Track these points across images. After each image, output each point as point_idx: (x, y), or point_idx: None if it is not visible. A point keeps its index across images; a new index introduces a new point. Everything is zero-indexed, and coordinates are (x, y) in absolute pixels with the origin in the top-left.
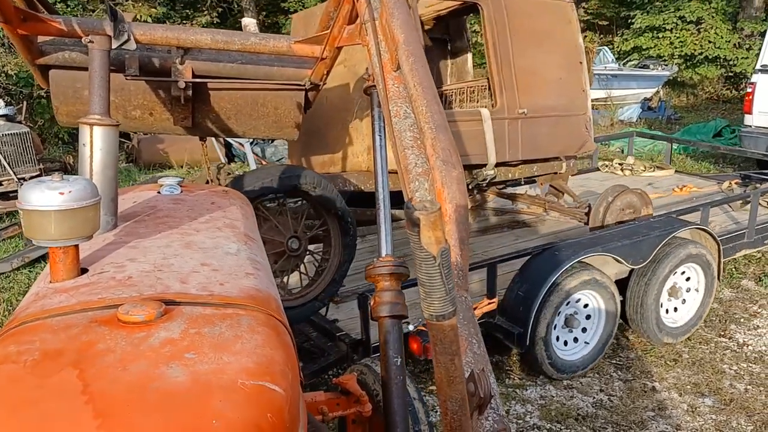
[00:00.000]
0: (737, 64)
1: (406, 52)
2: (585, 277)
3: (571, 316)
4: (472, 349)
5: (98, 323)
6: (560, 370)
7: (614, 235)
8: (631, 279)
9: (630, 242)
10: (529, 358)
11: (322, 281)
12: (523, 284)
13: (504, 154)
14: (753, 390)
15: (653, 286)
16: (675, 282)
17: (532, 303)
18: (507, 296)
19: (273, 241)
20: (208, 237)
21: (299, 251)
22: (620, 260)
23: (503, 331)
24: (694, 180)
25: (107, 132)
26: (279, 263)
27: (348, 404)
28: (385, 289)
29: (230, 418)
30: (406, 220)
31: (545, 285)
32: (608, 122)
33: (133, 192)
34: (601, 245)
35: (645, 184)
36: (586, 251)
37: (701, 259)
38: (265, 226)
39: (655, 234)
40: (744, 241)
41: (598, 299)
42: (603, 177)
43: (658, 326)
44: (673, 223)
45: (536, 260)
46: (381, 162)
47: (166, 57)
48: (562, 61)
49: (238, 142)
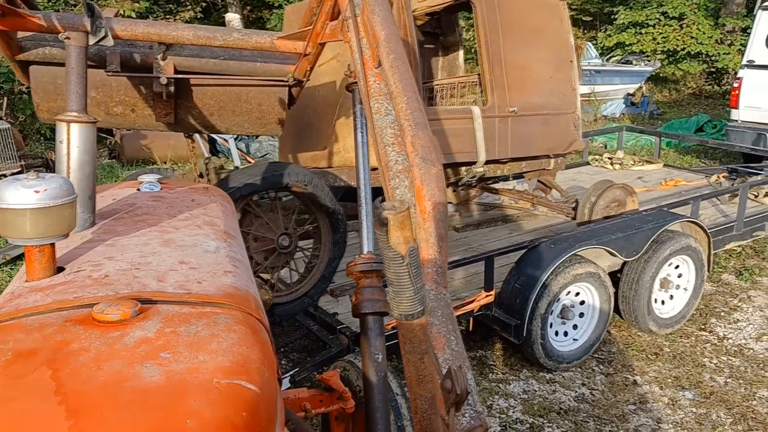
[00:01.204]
0: (719, 59)
1: (386, 49)
2: (580, 269)
3: (566, 308)
4: (450, 345)
5: (73, 323)
6: (556, 361)
7: (608, 228)
8: (624, 271)
9: (624, 235)
10: (525, 349)
11: (312, 278)
12: (519, 277)
13: (494, 151)
14: (733, 383)
15: (645, 278)
16: (667, 274)
17: (529, 295)
18: (504, 289)
19: (263, 239)
20: (187, 235)
21: (289, 248)
22: (614, 253)
23: (500, 323)
24: (683, 174)
25: (84, 129)
26: (269, 260)
27: (331, 401)
28: (367, 285)
29: (205, 417)
30: (375, 219)
31: (541, 277)
32: (592, 118)
33: (112, 189)
34: (596, 238)
35: (635, 177)
36: (581, 244)
37: (692, 251)
38: (256, 223)
39: (647, 227)
40: (733, 234)
41: (592, 291)
42: (593, 171)
43: (650, 317)
44: (665, 216)
45: (532, 253)
46: (362, 159)
47: (147, 53)
48: (553, 60)
49: (222, 138)
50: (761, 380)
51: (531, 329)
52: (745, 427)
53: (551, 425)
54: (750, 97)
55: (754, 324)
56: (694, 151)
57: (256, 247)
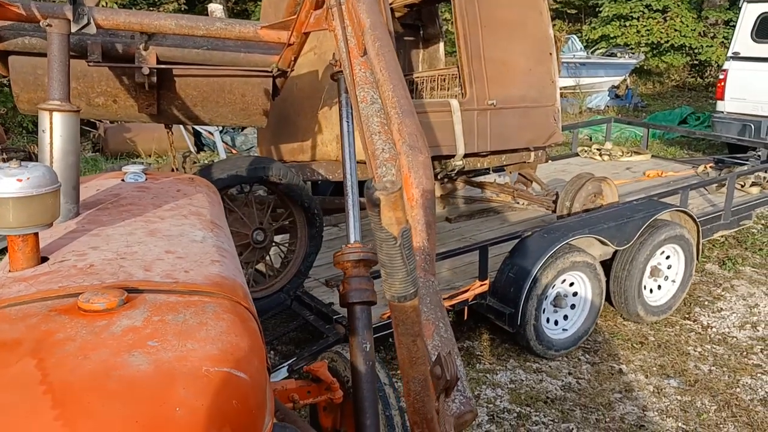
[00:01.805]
0: (702, 52)
1: (372, 37)
2: (573, 258)
3: (559, 296)
4: (438, 332)
5: (58, 312)
6: (549, 348)
7: (600, 217)
8: (615, 260)
9: (615, 224)
10: (519, 337)
11: (288, 273)
12: (513, 266)
13: (473, 145)
14: (717, 371)
15: (636, 266)
16: (657, 262)
17: (523, 284)
18: (498, 278)
19: (238, 233)
20: (173, 224)
21: (264, 243)
22: (606, 242)
23: (495, 312)
24: (670, 164)
25: (67, 118)
26: (244, 255)
27: (319, 391)
28: (354, 275)
29: (194, 405)
30: (366, 200)
31: (535, 267)
32: (577, 110)
33: (97, 180)
34: (589, 227)
35: (623, 168)
36: (574, 233)
37: (682, 239)
38: (230, 218)
39: (639, 216)
40: (720, 223)
41: (585, 280)
42: (582, 162)
43: (641, 305)
44: (655, 206)
45: (526, 242)
46: (348, 148)
47: (129, 43)
48: (532, 52)
49: (207, 131)
50: (744, 368)
51: (525, 318)
52: (729, 414)
53: (538, 414)
54: (735, 88)
55: (737, 313)
56: (678, 143)
57: None
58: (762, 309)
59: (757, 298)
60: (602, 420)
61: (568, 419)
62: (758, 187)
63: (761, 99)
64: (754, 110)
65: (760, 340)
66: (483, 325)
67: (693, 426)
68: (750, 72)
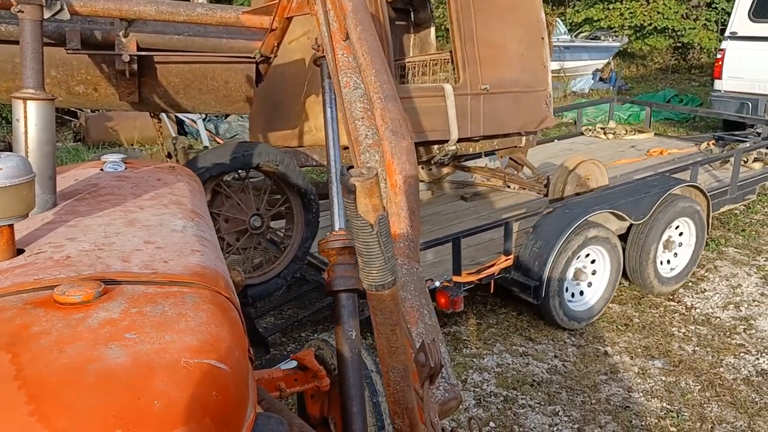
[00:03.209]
0: (685, 34)
1: (354, 21)
2: (593, 233)
3: (579, 269)
4: (423, 319)
5: (33, 305)
6: (572, 319)
7: (617, 193)
8: (631, 233)
9: (633, 199)
10: (543, 309)
11: (285, 258)
12: (537, 241)
13: (466, 130)
14: (700, 351)
15: (652, 239)
16: (669, 235)
17: (547, 258)
18: (522, 252)
19: (235, 220)
20: (152, 214)
21: (261, 229)
22: (624, 216)
23: (519, 285)
24: (673, 142)
25: (42, 107)
26: (241, 241)
27: (306, 379)
28: (339, 263)
29: (173, 398)
30: (342, 187)
31: (558, 241)
32: (561, 94)
33: (75, 170)
34: (608, 203)
35: (628, 146)
36: (594, 209)
37: (694, 213)
38: (227, 204)
39: (654, 191)
40: (727, 197)
41: (604, 254)
42: (587, 141)
43: (655, 277)
44: (669, 181)
45: (548, 218)
46: (332, 134)
47: (109, 29)
48: (525, 37)
49: (190, 118)
50: (728, 348)
51: (549, 290)
52: (712, 393)
53: (525, 397)
54: (732, 67)
55: (721, 293)
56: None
57: (227, 228)
58: (745, 289)
59: (740, 278)
60: (588, 402)
61: (554, 402)
62: (760, 163)
63: (758, 77)
64: (751, 88)
65: (742, 320)
66: (470, 310)
67: (677, 406)
68: (747, 51)
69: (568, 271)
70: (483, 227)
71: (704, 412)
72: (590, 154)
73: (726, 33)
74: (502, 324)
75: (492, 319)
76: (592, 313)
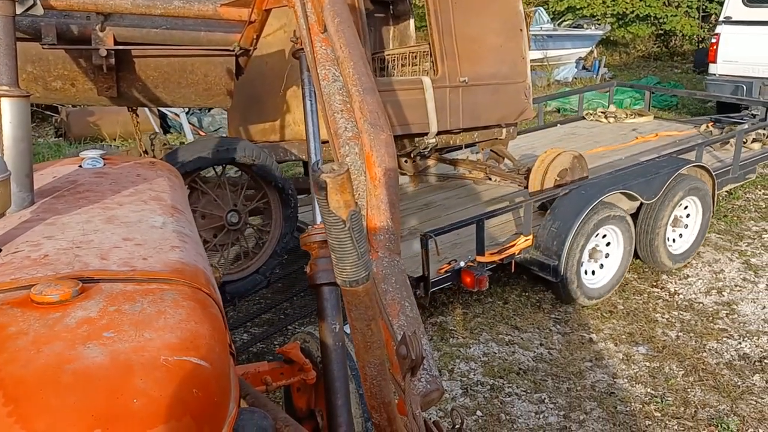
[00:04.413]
0: (667, 22)
1: (331, 13)
2: (607, 213)
3: (594, 248)
4: (404, 312)
5: (10, 305)
6: (588, 297)
7: (630, 174)
8: (641, 213)
9: (644, 180)
10: (561, 287)
11: (264, 254)
12: (555, 221)
13: (445, 122)
14: (684, 336)
15: (662, 218)
16: (677, 214)
17: (566, 238)
18: (540, 233)
19: (212, 216)
20: (131, 210)
21: (239, 225)
22: (636, 196)
23: (539, 264)
24: (673, 124)
25: (17, 104)
26: (218, 237)
27: (292, 373)
28: (321, 256)
29: (153, 396)
30: (313, 183)
31: (576, 221)
32: (545, 83)
33: (53, 167)
34: (622, 183)
35: (630, 129)
36: (608, 189)
37: (700, 192)
38: (203, 200)
39: (664, 172)
40: (729, 177)
41: (618, 233)
42: (589, 125)
43: (665, 254)
44: (677, 162)
45: (565, 200)
46: (312, 127)
47: (85, 24)
48: (503, 28)
49: (173, 112)
50: (710, 333)
51: (567, 268)
52: (696, 378)
53: (511, 385)
54: (727, 51)
55: (703, 279)
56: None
57: (204, 225)
58: (727, 275)
59: (722, 264)
60: (573, 389)
61: (541, 389)
62: (759, 143)
63: (752, 61)
64: (745, 72)
65: (725, 305)
66: (455, 300)
67: (661, 391)
68: (741, 36)
69: (584, 250)
70: (504, 209)
71: (688, 397)
72: (594, 138)
73: (720, 18)
74: (488, 313)
75: (478, 309)
76: (606, 290)
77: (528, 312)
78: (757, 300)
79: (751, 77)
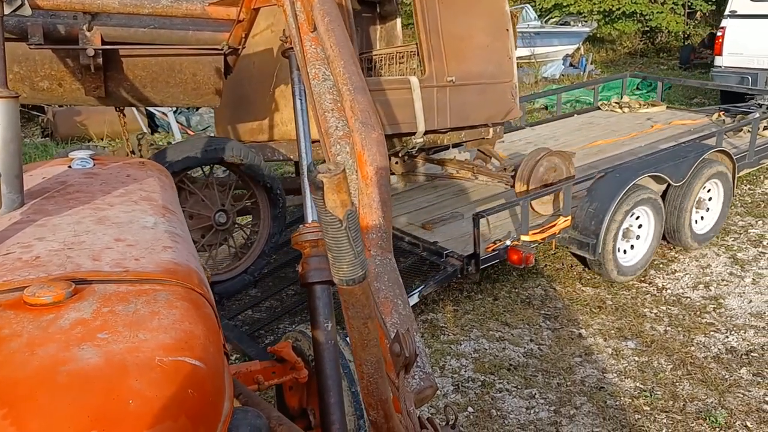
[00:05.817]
0: (653, 18)
1: (321, 12)
2: (641, 195)
3: (628, 228)
4: (397, 310)
5: (3, 307)
6: (622, 274)
7: (660, 158)
8: (668, 195)
9: (674, 163)
10: (597, 264)
11: (252, 254)
12: (593, 202)
13: (433, 122)
14: (672, 331)
15: (688, 199)
16: (701, 196)
17: (603, 218)
18: (578, 214)
19: (200, 216)
20: (122, 211)
21: (227, 225)
22: (666, 179)
23: (578, 243)
24: (685, 114)
25: (6, 105)
26: (206, 238)
27: (284, 371)
28: (313, 255)
29: (148, 396)
30: (309, 183)
31: (613, 202)
32: (532, 80)
33: (43, 167)
34: (653, 166)
35: (644, 119)
36: (641, 172)
37: (722, 175)
38: (191, 200)
39: (691, 156)
40: (745, 162)
41: (649, 213)
42: (605, 115)
43: (691, 235)
44: (702, 147)
45: (601, 182)
46: (303, 127)
47: (72, 23)
48: (489, 28)
49: (161, 111)
50: (698, 327)
51: (604, 247)
52: (684, 372)
53: (502, 381)
54: (732, 44)
55: (691, 274)
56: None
57: (192, 225)
58: (714, 269)
59: (709, 258)
60: (563, 384)
61: (531, 385)
62: None
63: (757, 53)
64: (750, 63)
65: (712, 299)
66: (446, 297)
67: (650, 385)
68: (746, 29)
69: (620, 230)
70: (547, 191)
71: (676, 390)
72: (611, 127)
73: (726, 12)
74: (479, 310)
75: (468, 306)
76: (638, 267)
77: (518, 308)
78: (744, 294)
79: (757, 68)
